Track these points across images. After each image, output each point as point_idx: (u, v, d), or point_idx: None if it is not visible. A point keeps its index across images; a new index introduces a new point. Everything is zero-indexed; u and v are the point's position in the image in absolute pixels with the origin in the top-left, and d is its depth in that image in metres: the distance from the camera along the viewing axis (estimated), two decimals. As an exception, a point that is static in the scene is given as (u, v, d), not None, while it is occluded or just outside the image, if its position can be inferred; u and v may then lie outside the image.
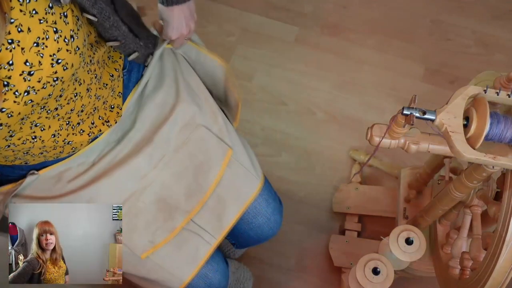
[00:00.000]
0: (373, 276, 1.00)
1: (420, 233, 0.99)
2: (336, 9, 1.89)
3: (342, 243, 1.43)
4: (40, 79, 0.68)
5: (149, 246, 0.93)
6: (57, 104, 0.75)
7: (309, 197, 1.53)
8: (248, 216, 1.01)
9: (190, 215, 0.95)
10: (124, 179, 0.91)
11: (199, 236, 0.95)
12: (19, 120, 0.71)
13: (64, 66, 0.70)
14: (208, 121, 0.98)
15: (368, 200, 1.48)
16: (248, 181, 0.99)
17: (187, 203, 0.94)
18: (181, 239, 0.94)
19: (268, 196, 1.04)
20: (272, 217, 1.04)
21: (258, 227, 1.03)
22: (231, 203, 0.97)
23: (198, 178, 0.96)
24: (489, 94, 0.69)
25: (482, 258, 0.79)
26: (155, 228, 0.93)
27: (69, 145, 0.83)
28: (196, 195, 0.95)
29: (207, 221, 0.96)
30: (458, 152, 0.66)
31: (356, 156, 1.58)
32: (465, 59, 1.79)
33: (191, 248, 0.95)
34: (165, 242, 0.93)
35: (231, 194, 0.97)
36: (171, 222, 0.93)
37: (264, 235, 1.05)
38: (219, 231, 0.96)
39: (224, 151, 0.98)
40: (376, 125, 0.78)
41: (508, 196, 0.73)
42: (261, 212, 1.02)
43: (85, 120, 0.84)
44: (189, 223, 0.95)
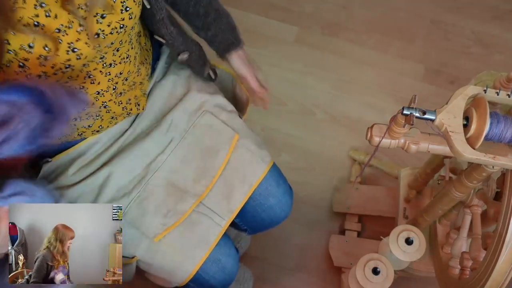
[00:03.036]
0: (373, 276, 1.00)
1: (420, 233, 0.99)
2: (336, 9, 1.89)
3: (342, 243, 1.43)
4: (110, 24, 0.76)
5: (162, 228, 0.94)
6: (112, 59, 0.82)
7: (309, 197, 1.53)
8: (260, 197, 1.02)
9: (200, 198, 0.97)
10: (133, 163, 0.95)
11: (209, 218, 0.97)
12: (81, 65, 0.77)
13: (130, 15, 0.78)
14: (216, 109, 1.02)
15: (368, 200, 1.48)
16: (255, 165, 1.01)
17: (195, 186, 0.97)
18: (191, 222, 0.96)
19: (278, 178, 1.05)
20: (283, 199, 1.04)
21: (270, 208, 1.04)
22: (239, 186, 0.99)
23: (206, 162, 0.98)
24: (489, 94, 0.69)
25: (482, 258, 0.79)
26: (166, 211, 0.95)
27: (105, 111, 0.89)
28: (204, 178, 0.97)
29: (216, 204, 0.97)
30: (458, 152, 0.66)
31: (356, 156, 1.58)
32: (465, 59, 1.79)
33: (202, 230, 0.96)
34: (177, 225, 0.95)
35: (239, 177, 0.99)
36: (182, 205, 0.95)
37: (276, 217, 1.05)
38: (228, 213, 0.98)
39: (230, 136, 1.00)
40: (376, 125, 0.78)
41: (508, 196, 0.73)
42: (272, 193, 1.03)
43: (126, 92, 0.90)
44: (199, 206, 0.97)
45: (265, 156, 1.03)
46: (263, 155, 1.03)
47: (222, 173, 0.99)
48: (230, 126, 1.01)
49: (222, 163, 0.98)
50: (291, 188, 1.08)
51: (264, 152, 1.04)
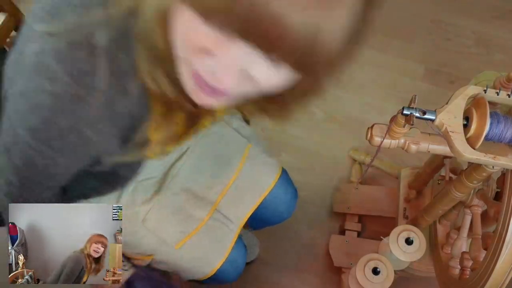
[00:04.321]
0: (373, 276, 1.00)
1: (420, 233, 0.99)
2: (336, 9, 1.89)
3: (342, 243, 1.43)
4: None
5: (182, 236, 0.95)
6: None
7: (309, 196, 1.53)
8: (269, 203, 1.05)
9: (215, 205, 0.98)
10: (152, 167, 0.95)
11: (223, 224, 0.99)
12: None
13: None
14: (227, 117, 1.03)
15: (368, 200, 1.48)
16: (265, 173, 1.03)
17: (210, 193, 0.98)
18: (209, 228, 0.97)
19: (287, 184, 1.08)
20: (291, 203, 1.09)
21: (278, 212, 1.08)
22: (250, 194, 1.01)
23: (219, 170, 1.00)
24: (489, 94, 0.69)
25: (482, 258, 0.79)
26: (184, 217, 0.96)
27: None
28: (217, 186, 0.99)
29: (229, 210, 1.00)
30: (458, 152, 0.66)
31: (356, 156, 1.58)
32: (465, 59, 1.79)
33: (218, 236, 0.98)
34: (195, 231, 0.96)
35: (250, 185, 1.01)
36: (199, 212, 0.97)
37: (282, 219, 1.11)
38: (239, 220, 1.00)
39: (243, 145, 1.02)
40: (376, 125, 0.78)
41: (508, 196, 0.73)
42: (281, 199, 1.06)
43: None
44: (215, 212, 0.99)
45: (275, 164, 1.05)
46: (273, 163, 1.05)
47: (234, 181, 1.00)
48: (242, 134, 1.03)
49: (235, 171, 1.00)
50: (296, 190, 1.10)
51: (274, 160, 1.06)
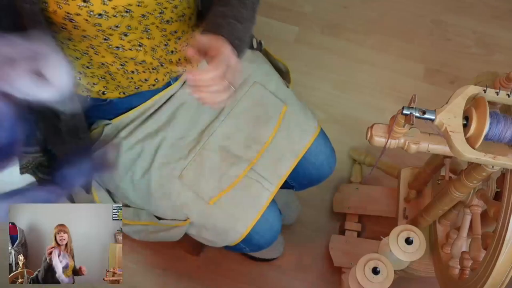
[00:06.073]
0: (373, 276, 1.00)
1: (420, 233, 0.99)
2: (336, 9, 1.89)
3: (342, 243, 1.43)
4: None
5: (216, 192, 0.97)
6: (170, 16, 0.85)
7: (309, 197, 1.53)
8: (311, 156, 1.08)
9: (251, 164, 1.00)
10: (186, 129, 1.00)
11: (259, 183, 1.00)
12: (140, 15, 0.80)
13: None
14: (264, 79, 1.07)
15: (368, 200, 1.47)
16: (303, 133, 1.06)
17: (246, 152, 1.00)
18: (243, 186, 0.99)
19: (326, 139, 1.12)
20: (331, 157, 1.13)
21: (320, 164, 1.11)
22: (287, 153, 1.03)
23: (256, 130, 1.02)
24: (489, 94, 0.69)
25: (482, 258, 0.79)
26: (220, 174, 0.98)
27: (162, 67, 0.93)
28: (254, 145, 1.01)
29: (266, 169, 1.01)
30: (457, 151, 0.66)
31: (356, 156, 1.58)
32: (465, 59, 1.79)
33: (253, 194, 0.99)
34: (230, 188, 0.98)
35: (287, 145, 1.03)
36: (235, 170, 0.98)
37: (324, 173, 1.13)
38: (277, 178, 1.01)
39: (279, 107, 1.05)
40: (376, 125, 0.78)
41: (508, 196, 0.73)
42: (322, 150, 1.10)
43: (177, 51, 0.94)
44: (250, 171, 1.00)
45: (312, 124, 1.08)
46: (310, 123, 1.08)
47: (272, 141, 1.02)
48: (279, 97, 1.06)
49: (272, 132, 1.02)
50: (333, 149, 1.14)
51: (311, 120, 1.08)
